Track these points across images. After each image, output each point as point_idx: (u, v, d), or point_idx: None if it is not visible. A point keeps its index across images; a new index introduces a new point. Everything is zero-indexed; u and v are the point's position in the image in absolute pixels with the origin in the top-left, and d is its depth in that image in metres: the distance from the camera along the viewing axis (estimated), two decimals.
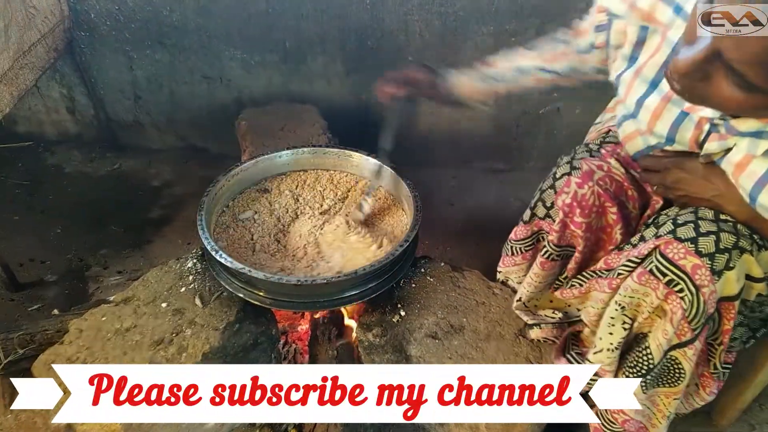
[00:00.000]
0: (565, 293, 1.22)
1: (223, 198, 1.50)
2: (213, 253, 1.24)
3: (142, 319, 1.30)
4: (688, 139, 1.01)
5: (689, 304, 0.91)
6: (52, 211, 2.16)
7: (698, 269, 0.90)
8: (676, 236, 0.95)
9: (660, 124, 1.03)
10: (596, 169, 1.15)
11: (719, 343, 1.00)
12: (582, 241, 1.16)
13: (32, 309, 1.73)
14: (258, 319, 1.35)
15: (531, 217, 1.28)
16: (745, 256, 0.92)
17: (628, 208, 1.17)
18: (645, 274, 0.96)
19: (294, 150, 1.62)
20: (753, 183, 0.91)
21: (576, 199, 1.13)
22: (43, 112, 2.43)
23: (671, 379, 1.03)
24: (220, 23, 2.10)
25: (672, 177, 1.05)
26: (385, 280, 1.31)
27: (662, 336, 0.97)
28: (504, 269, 1.41)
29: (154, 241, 2.03)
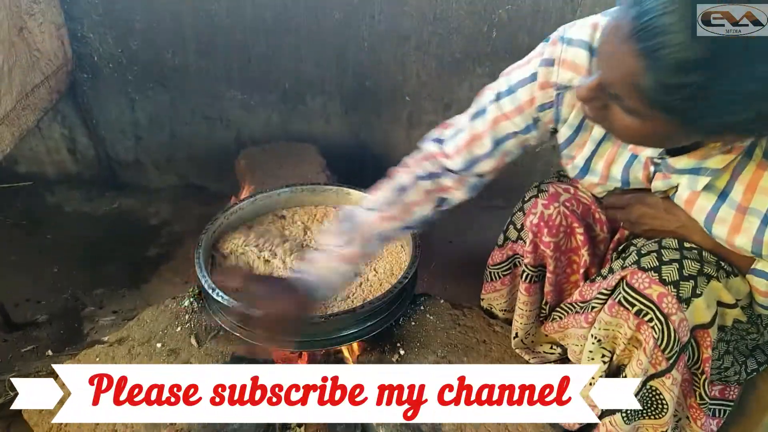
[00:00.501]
0: (548, 327, 1.23)
1: (221, 236, 1.50)
2: (210, 291, 1.23)
3: (136, 360, 1.28)
4: (641, 178, 1.02)
5: (659, 332, 0.92)
6: (49, 250, 2.15)
7: (664, 297, 0.91)
8: (640, 266, 0.96)
9: (615, 168, 1.04)
10: (563, 192, 1.19)
11: (701, 371, 0.99)
12: (552, 261, 1.18)
13: (26, 350, 1.70)
14: (254, 360, 1.33)
15: (504, 241, 1.32)
16: (713, 283, 0.93)
17: (596, 230, 1.20)
18: (615, 305, 0.97)
19: (293, 187, 1.63)
20: (704, 217, 0.93)
21: (543, 219, 1.16)
22: (43, 153, 2.45)
23: (654, 411, 1.02)
24: (220, 65, 2.14)
25: (636, 212, 1.06)
26: (384, 318, 1.30)
27: (637, 366, 0.97)
28: (486, 296, 1.43)
29: (151, 280, 2.01)
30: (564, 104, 1.01)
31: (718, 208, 0.91)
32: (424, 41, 2.03)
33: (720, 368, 1.08)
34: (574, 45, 0.95)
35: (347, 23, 2.01)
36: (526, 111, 1.03)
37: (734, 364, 1.09)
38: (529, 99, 1.02)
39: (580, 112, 1.01)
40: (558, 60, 0.97)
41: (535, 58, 1.01)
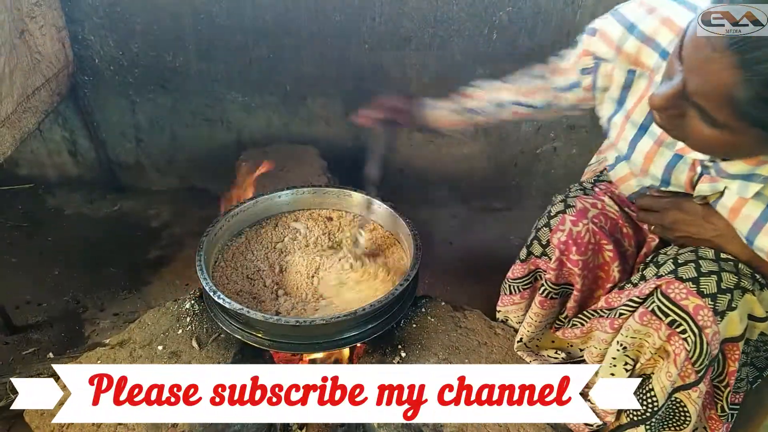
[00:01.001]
0: (567, 333, 1.21)
1: (222, 238, 1.50)
2: (211, 293, 1.23)
3: (138, 362, 1.28)
4: (683, 181, 1.01)
5: (692, 345, 0.90)
6: (50, 253, 2.15)
7: (700, 310, 0.89)
8: (677, 276, 0.94)
9: (654, 166, 1.03)
10: (590, 207, 1.16)
11: (725, 384, 0.98)
12: (580, 279, 1.15)
13: (27, 352, 1.70)
14: (256, 361, 1.33)
15: (527, 256, 1.28)
16: (747, 296, 0.91)
17: (624, 245, 1.17)
18: (647, 314, 0.95)
19: (294, 189, 1.63)
20: (749, 227, 0.91)
21: (571, 237, 1.13)
22: (44, 155, 2.45)
23: (676, 423, 1.01)
24: (221, 67, 2.15)
25: (671, 218, 1.04)
26: (385, 320, 1.29)
27: (666, 378, 0.95)
28: (503, 308, 1.40)
29: (152, 283, 2.01)
30: (600, 74, 1.08)
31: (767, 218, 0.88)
32: (425, 43, 2.03)
33: (738, 379, 1.06)
34: (616, 19, 1.00)
35: (348, 25, 2.01)
36: (573, 70, 1.15)
37: (749, 375, 1.08)
38: (574, 61, 1.14)
39: (619, 89, 1.06)
40: (599, 31, 1.04)
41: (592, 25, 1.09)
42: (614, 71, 1.04)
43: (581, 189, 1.26)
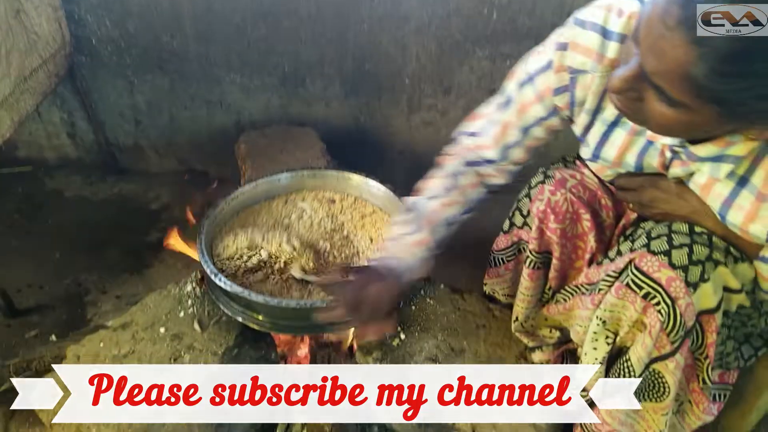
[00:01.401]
0: (551, 309, 1.24)
1: (223, 221, 1.50)
2: (212, 276, 1.24)
3: (140, 344, 1.29)
4: (655, 165, 1.02)
5: (666, 316, 0.92)
6: (50, 235, 2.15)
7: (672, 281, 0.92)
8: (649, 249, 0.96)
9: (628, 155, 1.04)
10: (569, 178, 1.19)
11: (705, 356, 1.00)
12: (558, 248, 1.19)
13: (29, 335, 1.71)
14: (257, 344, 1.34)
15: (510, 227, 1.32)
16: (720, 269, 0.94)
17: (602, 216, 1.20)
18: (622, 288, 0.97)
19: (293, 172, 1.63)
20: (720, 204, 0.93)
21: (549, 206, 1.17)
22: (43, 137, 2.44)
23: (655, 394, 1.04)
24: (220, 49, 2.13)
25: (647, 195, 1.06)
26: None
27: (642, 349, 0.98)
28: (489, 281, 1.43)
29: (153, 266, 2.02)
30: (578, 87, 1.02)
31: (737, 194, 0.90)
32: (424, 23, 2.01)
33: (722, 354, 1.09)
34: (586, 28, 0.95)
35: (347, 5, 1.99)
36: (546, 98, 1.06)
37: (735, 350, 1.10)
38: (546, 86, 1.04)
39: (596, 98, 1.01)
40: (571, 44, 0.98)
41: (551, 44, 1.02)
42: (593, 81, 0.99)
43: (562, 161, 1.31)
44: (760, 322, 1.08)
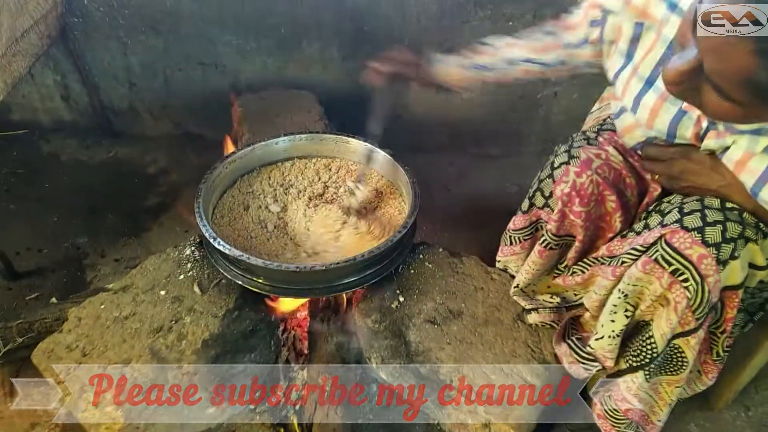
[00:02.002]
0: (567, 280, 1.23)
1: (220, 185, 1.50)
2: (211, 240, 1.24)
3: (141, 306, 1.30)
4: (689, 136, 1.00)
5: (694, 293, 0.91)
6: (48, 199, 2.15)
7: (704, 259, 0.90)
8: (682, 225, 0.94)
9: (659, 121, 1.03)
10: (594, 158, 1.15)
11: (722, 331, 1.01)
12: (582, 231, 1.16)
13: (30, 298, 1.73)
14: (257, 306, 1.36)
15: (529, 207, 1.28)
16: (750, 245, 0.93)
17: (627, 195, 1.17)
18: (650, 262, 0.95)
19: (291, 136, 1.62)
20: (754, 180, 0.92)
21: (575, 189, 1.13)
22: (37, 100, 2.41)
23: (674, 368, 1.04)
24: (214, 9, 2.08)
25: (678, 167, 1.03)
26: (384, 266, 1.31)
27: (666, 325, 0.97)
28: (503, 258, 1.41)
29: (151, 229, 2.03)
30: (608, 26, 1.06)
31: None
32: None
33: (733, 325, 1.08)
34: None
35: None
36: (583, 24, 1.14)
37: (742, 320, 1.10)
38: (584, 14, 1.14)
39: (627, 43, 1.05)
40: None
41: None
42: (622, 24, 1.02)
43: (585, 138, 1.25)
44: (765, 294, 1.09)
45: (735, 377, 1.38)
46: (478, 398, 1.21)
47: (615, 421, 1.17)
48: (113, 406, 1.15)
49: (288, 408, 1.43)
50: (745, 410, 1.48)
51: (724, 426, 1.45)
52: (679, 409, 1.46)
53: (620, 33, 1.05)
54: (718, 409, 1.47)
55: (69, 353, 1.21)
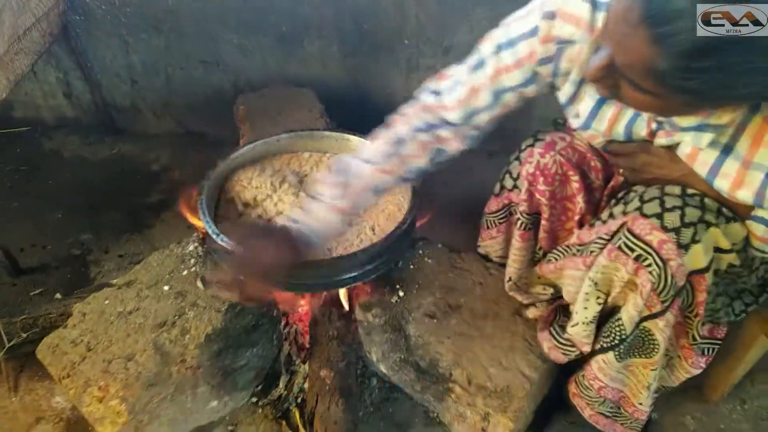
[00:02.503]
0: (543, 268, 1.26)
1: (222, 182, 1.51)
2: (214, 236, 1.25)
3: (145, 302, 1.32)
4: (644, 135, 1.03)
5: (657, 277, 0.95)
6: (51, 196, 2.16)
7: (664, 244, 0.93)
8: (642, 212, 0.98)
9: (617, 126, 1.05)
10: (559, 140, 1.20)
11: (695, 314, 1.04)
12: (547, 209, 1.21)
13: (35, 293, 1.75)
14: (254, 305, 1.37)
15: (501, 190, 1.34)
16: (712, 229, 0.96)
17: (591, 178, 1.22)
18: (614, 250, 0.99)
19: (292, 134, 1.63)
20: (706, 171, 0.95)
21: (539, 168, 1.18)
22: (39, 97, 2.42)
23: (646, 351, 1.08)
24: (215, 7, 2.10)
25: (640, 160, 1.07)
26: (384, 261, 1.33)
27: (633, 308, 1.01)
28: (483, 243, 1.46)
29: (154, 226, 2.04)
30: (563, 59, 0.99)
31: (722, 162, 0.92)
32: None
33: (712, 310, 1.11)
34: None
35: None
36: (525, 65, 1.00)
37: (725, 306, 1.13)
38: (528, 53, 0.99)
39: (582, 69, 1.00)
40: (560, 12, 0.94)
41: (536, 10, 0.97)
42: (581, 52, 0.97)
43: (554, 125, 1.31)
44: (751, 279, 1.11)
45: (730, 370, 1.40)
46: (476, 391, 1.23)
47: (589, 399, 1.21)
48: (117, 400, 1.17)
49: (290, 401, 1.46)
50: (741, 403, 1.50)
51: (720, 419, 1.47)
52: (674, 401, 1.48)
53: (576, 61, 0.99)
54: (714, 402, 1.49)
55: (74, 348, 1.23)
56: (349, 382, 1.34)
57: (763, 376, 1.56)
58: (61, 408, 1.45)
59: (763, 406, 1.50)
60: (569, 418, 1.34)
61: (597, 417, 1.23)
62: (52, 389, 1.48)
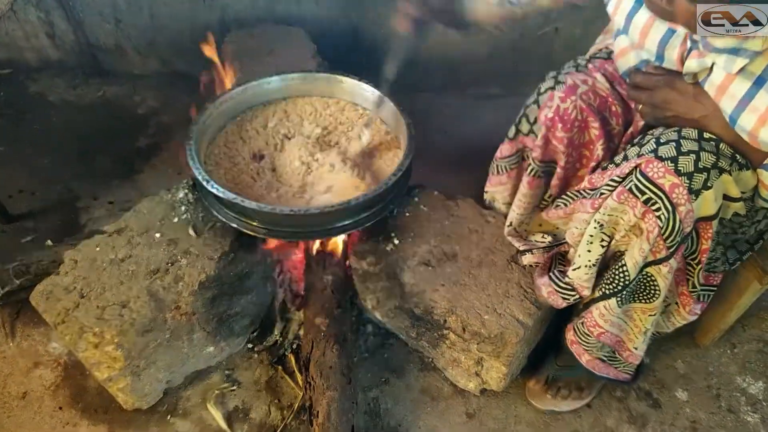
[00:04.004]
0: (551, 213, 1.25)
1: (212, 126, 1.47)
2: (204, 183, 1.22)
3: (137, 249, 1.30)
4: (675, 56, 1.00)
5: (665, 222, 0.94)
6: (38, 141, 2.11)
7: (676, 188, 0.92)
8: (657, 155, 0.96)
9: (648, 40, 1.02)
10: (581, 84, 1.15)
11: (697, 262, 1.03)
12: (564, 157, 1.18)
13: (25, 240, 1.73)
14: (252, 249, 1.36)
15: (516, 134, 1.29)
16: (724, 176, 0.94)
17: (611, 124, 1.18)
18: (624, 192, 0.97)
19: (283, 76, 1.57)
20: (734, 105, 0.92)
21: (558, 114, 1.14)
22: (21, 38, 2.32)
23: (646, 296, 1.07)
24: None
25: (661, 96, 1.04)
26: (379, 209, 1.31)
27: (638, 253, 1.00)
28: (491, 189, 1.43)
29: (143, 171, 2.01)
30: None
31: (753, 95, 0.88)
32: None
33: (710, 258, 1.11)
34: None
35: None
36: None
37: (723, 254, 1.13)
38: None
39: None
40: None
41: None
42: None
43: (574, 66, 1.25)
44: (750, 230, 1.10)
45: (722, 316, 1.41)
46: (471, 337, 1.24)
47: (587, 345, 1.22)
48: (113, 346, 1.17)
49: (285, 347, 1.47)
50: (731, 347, 1.53)
51: (710, 362, 1.49)
52: (666, 347, 1.51)
53: None
54: (705, 346, 1.52)
55: (67, 295, 1.22)
56: (344, 328, 1.34)
57: (754, 321, 1.58)
58: (58, 353, 1.46)
59: (751, 350, 1.52)
60: (561, 361, 1.36)
61: (594, 362, 1.25)
62: (48, 335, 1.49)
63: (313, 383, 1.24)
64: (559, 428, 1.35)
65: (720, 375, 1.47)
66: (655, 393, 1.42)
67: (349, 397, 1.23)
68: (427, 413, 1.37)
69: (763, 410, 1.40)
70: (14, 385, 1.40)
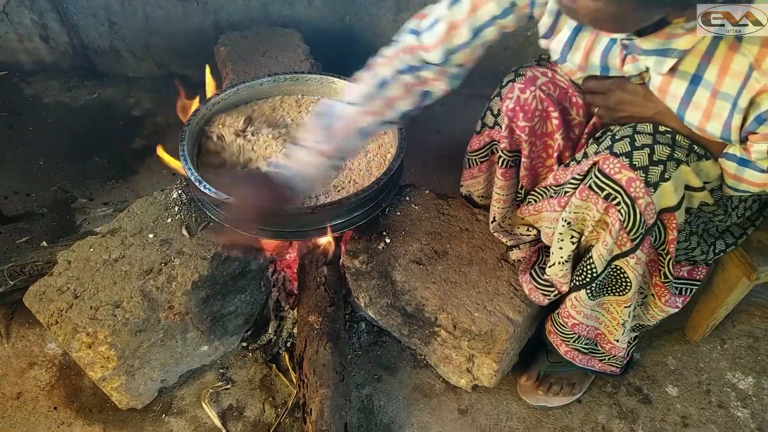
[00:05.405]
0: (523, 210, 1.27)
1: (204, 127, 1.48)
2: (197, 183, 1.24)
3: (130, 249, 1.31)
4: (617, 64, 1.02)
5: (626, 215, 0.96)
6: (33, 142, 2.12)
7: (633, 182, 0.94)
8: (612, 151, 0.98)
9: (593, 55, 1.04)
10: (540, 75, 1.18)
11: (666, 252, 1.05)
12: (527, 146, 1.20)
13: (20, 241, 1.74)
14: (245, 248, 1.37)
15: (482, 128, 1.32)
16: (682, 167, 0.96)
17: (572, 114, 1.20)
18: (585, 190, 1.00)
19: (275, 77, 1.58)
20: (677, 105, 0.95)
21: (519, 104, 1.17)
22: (15, 41, 2.33)
23: (618, 288, 1.10)
24: None
25: (615, 98, 1.06)
26: (371, 208, 1.32)
27: (603, 247, 1.02)
28: (465, 182, 1.45)
29: (138, 172, 2.02)
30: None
31: (693, 93, 0.92)
32: None
33: (687, 249, 1.14)
34: None
35: None
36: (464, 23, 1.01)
37: (701, 245, 1.15)
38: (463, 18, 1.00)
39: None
40: None
41: None
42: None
43: (536, 61, 1.28)
44: (731, 218, 1.12)
45: (711, 311, 1.42)
46: (461, 334, 1.25)
47: (563, 336, 1.25)
48: (106, 346, 1.18)
49: (279, 345, 1.48)
50: (721, 343, 1.54)
51: (700, 358, 1.51)
52: (656, 343, 1.52)
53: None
54: (695, 342, 1.53)
55: (60, 295, 1.23)
56: (337, 326, 1.35)
57: (743, 317, 1.59)
58: (53, 354, 1.47)
59: (741, 346, 1.54)
60: (552, 358, 1.37)
61: (573, 353, 1.27)
62: (43, 335, 1.50)
63: (307, 381, 1.25)
64: (550, 424, 1.37)
65: (710, 371, 1.48)
66: (645, 388, 1.44)
67: (342, 394, 1.24)
68: (419, 410, 1.38)
69: (752, 405, 1.41)
70: (9, 386, 1.41)
